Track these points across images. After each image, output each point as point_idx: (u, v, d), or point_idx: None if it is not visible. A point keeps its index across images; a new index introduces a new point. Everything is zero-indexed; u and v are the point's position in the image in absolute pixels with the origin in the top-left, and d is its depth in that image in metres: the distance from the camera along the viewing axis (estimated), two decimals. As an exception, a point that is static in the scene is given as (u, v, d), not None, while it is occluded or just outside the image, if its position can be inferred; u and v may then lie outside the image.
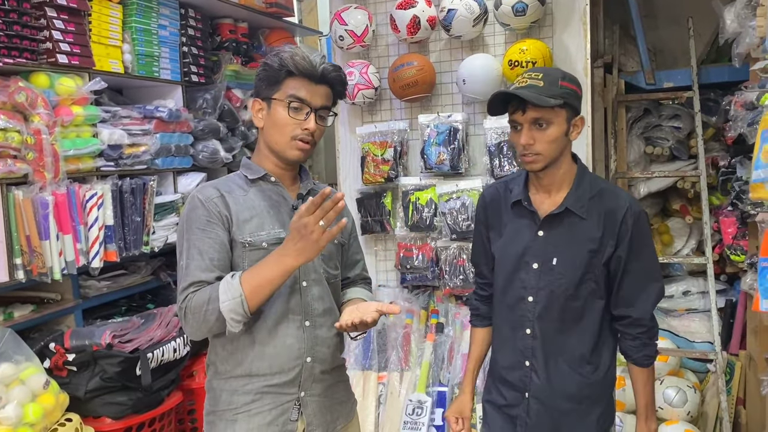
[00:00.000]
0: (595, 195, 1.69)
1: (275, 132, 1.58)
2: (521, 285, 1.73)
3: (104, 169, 2.64)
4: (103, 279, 2.85)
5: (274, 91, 1.57)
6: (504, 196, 1.80)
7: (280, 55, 1.56)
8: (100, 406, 2.45)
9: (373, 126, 3.16)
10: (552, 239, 1.69)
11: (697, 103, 3.22)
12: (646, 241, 1.70)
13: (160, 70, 2.99)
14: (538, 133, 1.61)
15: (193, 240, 1.53)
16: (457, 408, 1.93)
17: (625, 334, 1.73)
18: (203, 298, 1.47)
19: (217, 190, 1.58)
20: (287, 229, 1.54)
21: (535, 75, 1.62)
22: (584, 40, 2.94)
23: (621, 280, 1.68)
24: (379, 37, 3.22)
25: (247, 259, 1.56)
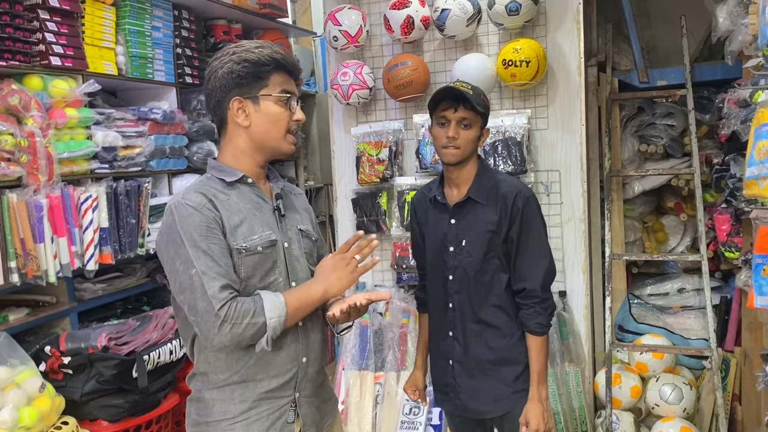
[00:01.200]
0: (493, 185, 1.97)
1: (270, 128, 1.56)
2: (444, 266, 2.02)
3: (98, 171, 2.63)
4: (99, 281, 2.85)
5: (259, 88, 1.54)
6: (426, 196, 2.10)
7: (260, 51, 1.53)
8: (96, 408, 2.44)
9: (368, 126, 3.16)
10: (461, 225, 2.00)
11: (690, 101, 3.23)
12: (535, 221, 1.97)
13: (154, 72, 2.99)
14: (462, 131, 1.92)
15: (200, 247, 1.45)
16: (412, 382, 2.25)
17: (522, 304, 1.98)
18: (247, 310, 1.45)
19: (204, 196, 1.51)
20: (275, 230, 1.59)
21: (465, 85, 1.94)
22: (578, 39, 2.96)
23: (515, 257, 1.97)
24: (373, 37, 3.23)
25: (243, 266, 1.51)
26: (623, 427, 2.95)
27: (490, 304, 1.99)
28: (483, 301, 1.99)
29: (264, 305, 1.47)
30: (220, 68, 1.54)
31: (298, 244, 1.65)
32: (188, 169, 3.18)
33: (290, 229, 1.65)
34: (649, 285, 3.58)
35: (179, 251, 1.46)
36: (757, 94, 2.06)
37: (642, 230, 3.71)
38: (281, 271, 1.59)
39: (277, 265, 1.58)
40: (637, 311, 3.37)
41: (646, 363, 3.05)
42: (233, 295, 1.46)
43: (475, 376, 2.02)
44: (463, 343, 2.02)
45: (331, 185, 3.66)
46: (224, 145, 1.62)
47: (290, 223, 1.65)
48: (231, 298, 1.44)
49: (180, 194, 1.54)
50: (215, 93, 1.56)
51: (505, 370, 2.01)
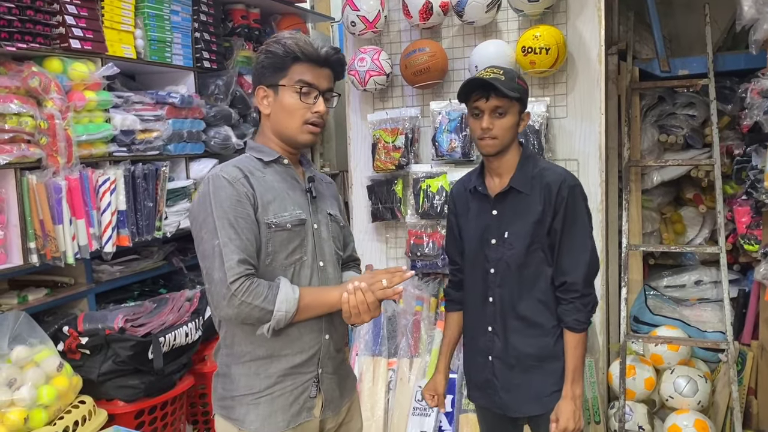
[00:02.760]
0: (537, 173, 1.89)
1: (286, 118, 1.61)
2: (484, 259, 1.95)
3: (116, 154, 2.65)
4: (116, 264, 2.88)
5: (280, 78, 1.60)
6: (466, 186, 2.03)
7: (283, 41, 1.58)
8: (112, 389, 2.48)
9: (384, 113, 3.15)
10: (503, 216, 1.92)
11: (712, 90, 3.18)
12: (579, 212, 1.89)
13: (172, 56, 2.99)
14: (497, 120, 1.84)
15: (227, 219, 1.52)
16: (431, 386, 2.14)
17: (562, 299, 1.90)
18: (259, 293, 1.50)
19: (241, 171, 1.58)
20: (306, 211, 1.65)
21: (496, 70, 1.85)
22: (599, 26, 2.91)
23: (559, 248, 1.88)
24: (391, 23, 3.21)
25: (272, 241, 1.58)
26: (636, 419, 2.94)
27: (532, 299, 1.92)
28: (525, 295, 1.92)
29: (278, 296, 1.51)
30: (256, 58, 1.66)
31: (326, 227, 1.72)
32: (205, 153, 3.19)
33: (320, 212, 1.71)
34: (666, 277, 3.55)
35: (207, 220, 1.54)
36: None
37: (660, 221, 3.67)
38: (308, 250, 1.65)
39: (304, 244, 1.64)
40: (653, 303, 3.34)
41: (661, 355, 3.03)
42: (249, 271, 1.51)
43: (516, 372, 1.95)
44: (503, 339, 1.95)
45: (346, 172, 3.65)
46: (259, 130, 1.73)
47: (320, 207, 1.71)
48: (246, 274, 1.49)
49: (218, 167, 1.62)
50: (253, 80, 1.68)
51: (548, 367, 1.93)
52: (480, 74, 1.86)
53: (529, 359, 1.93)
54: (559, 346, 1.92)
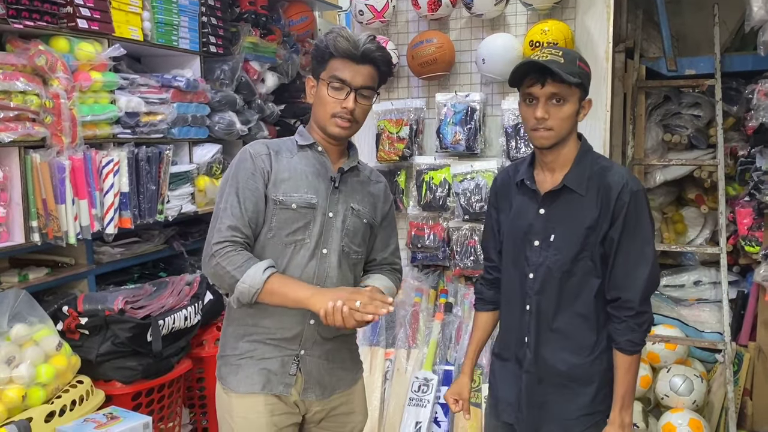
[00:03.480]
0: (596, 172, 1.69)
1: (319, 108, 1.69)
2: (525, 262, 1.75)
3: (121, 136, 2.65)
4: (117, 246, 2.88)
5: (321, 71, 1.68)
6: (513, 177, 1.83)
7: (327, 35, 1.66)
8: (110, 370, 2.48)
9: (389, 103, 3.14)
10: (552, 216, 1.71)
11: (718, 91, 3.18)
12: (642, 220, 1.67)
13: (179, 40, 2.98)
14: (554, 109, 1.62)
15: (237, 187, 1.64)
16: (456, 389, 1.97)
17: (614, 317, 1.68)
18: (234, 262, 1.57)
19: (267, 147, 1.71)
20: (321, 197, 1.69)
21: (555, 51, 1.62)
22: (607, 23, 2.90)
23: (614, 260, 1.66)
24: (399, 13, 3.20)
25: (275, 217, 1.66)
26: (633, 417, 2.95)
27: (572, 312, 1.71)
28: (565, 307, 1.71)
29: (248, 270, 1.56)
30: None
31: (343, 218, 1.73)
32: (209, 138, 3.19)
33: (341, 203, 1.73)
34: (666, 276, 3.56)
35: (224, 185, 1.68)
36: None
37: (661, 221, 3.67)
38: (313, 234, 1.69)
39: (309, 228, 1.68)
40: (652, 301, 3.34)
41: (658, 353, 3.04)
42: (236, 238, 1.60)
43: (542, 388, 1.77)
44: (534, 351, 1.76)
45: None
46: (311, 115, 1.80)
47: (343, 199, 1.73)
48: (231, 240, 1.59)
49: (253, 142, 1.76)
50: None
51: (577, 389, 1.74)
52: (536, 54, 1.64)
53: (560, 377, 1.74)
54: (596, 368, 1.73)
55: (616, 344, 1.68)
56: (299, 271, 1.68)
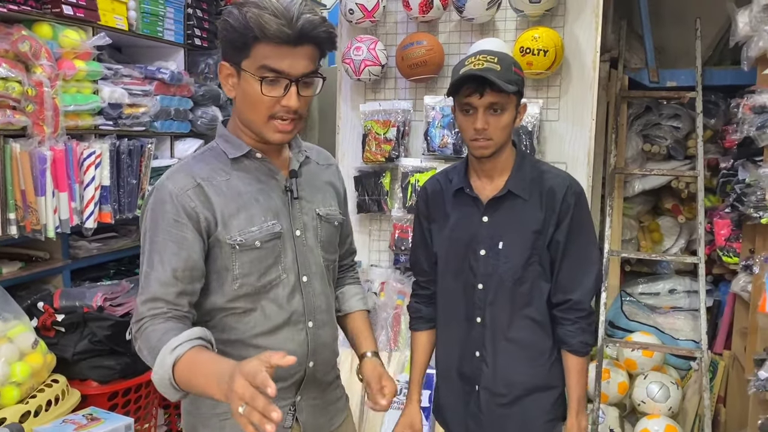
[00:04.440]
0: (536, 176, 1.66)
1: (248, 109, 1.30)
2: (471, 273, 1.68)
3: (103, 127, 2.58)
4: (94, 240, 2.80)
5: (242, 57, 1.26)
6: (445, 186, 1.75)
7: (244, 11, 1.21)
8: (87, 368, 2.40)
9: (377, 104, 3.12)
10: (496, 223, 1.66)
11: (699, 104, 3.24)
12: (586, 222, 1.68)
13: (164, 31, 2.92)
14: (493, 118, 1.56)
15: (157, 243, 1.27)
16: (406, 421, 1.83)
17: (564, 319, 1.66)
18: (147, 343, 1.22)
19: (193, 179, 1.30)
20: (283, 217, 1.37)
21: (490, 58, 1.55)
22: (595, 32, 2.93)
23: (561, 262, 1.65)
24: (388, 13, 3.17)
25: (238, 262, 1.33)
26: (608, 422, 2.99)
27: (527, 319, 1.67)
28: (519, 314, 1.67)
29: (158, 354, 1.17)
30: (219, 24, 1.29)
31: (314, 232, 1.44)
32: (191, 133, 3.13)
33: (306, 213, 1.43)
34: (641, 284, 3.62)
35: (144, 238, 1.31)
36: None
37: (638, 229, 3.73)
38: (287, 266, 1.39)
39: (281, 260, 1.38)
40: (629, 309, 3.40)
41: (635, 360, 3.08)
42: (155, 311, 1.25)
43: (505, 403, 1.70)
44: (492, 366, 1.69)
45: (332, 161, 3.61)
46: (232, 112, 1.41)
47: (307, 207, 1.44)
48: (149, 315, 1.24)
49: (170, 171, 1.34)
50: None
51: (540, 397, 1.70)
52: (470, 62, 1.55)
53: (522, 388, 1.69)
54: (554, 373, 1.71)
55: (568, 347, 1.67)
56: (286, 315, 1.39)
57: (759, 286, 2.43)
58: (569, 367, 1.68)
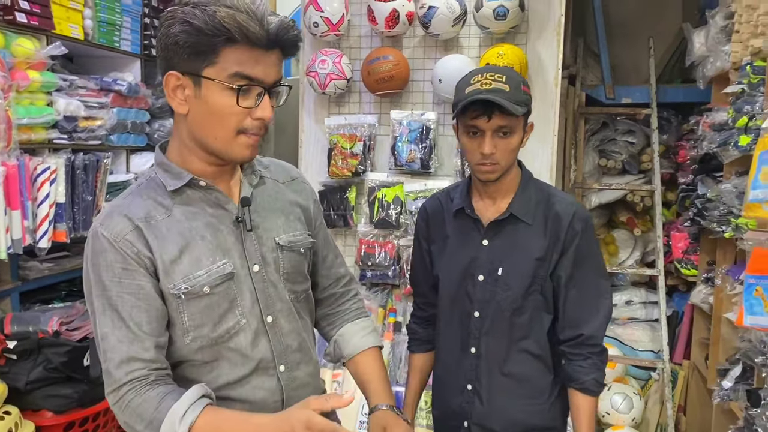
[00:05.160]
0: (541, 200, 1.56)
1: (213, 124, 1.13)
2: (467, 299, 1.58)
3: (57, 141, 2.45)
4: (45, 261, 2.64)
5: (204, 65, 1.10)
6: (446, 206, 1.66)
7: (211, 11, 1.06)
8: (41, 398, 2.26)
9: (342, 118, 3.08)
10: (497, 248, 1.56)
11: (654, 120, 3.34)
12: (594, 250, 1.57)
13: (120, 41, 2.80)
14: (501, 142, 1.46)
15: (110, 298, 1.13)
16: None
17: (575, 355, 1.52)
18: (142, 414, 1.10)
19: (130, 221, 1.15)
20: (234, 254, 1.21)
21: (498, 77, 1.45)
22: (557, 50, 2.98)
23: (566, 295, 1.54)
24: (353, 27, 3.15)
25: (186, 314, 1.17)
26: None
27: (525, 352, 1.56)
28: (517, 347, 1.56)
29: (162, 424, 1.08)
30: (164, 28, 1.11)
31: (275, 265, 1.27)
32: (148, 146, 3.01)
33: (264, 244, 1.26)
34: (599, 296, 3.68)
35: (90, 296, 1.16)
36: (741, 119, 2.14)
37: (595, 242, 3.80)
38: (245, 309, 1.23)
39: (237, 304, 1.22)
40: (590, 321, 3.45)
41: (598, 372, 3.13)
42: (135, 374, 1.11)
43: None
44: (486, 401, 1.57)
45: (292, 175, 3.54)
46: (172, 134, 1.23)
47: (265, 236, 1.26)
48: (129, 380, 1.11)
49: (102, 214, 1.18)
50: (160, 62, 1.15)
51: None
52: (476, 80, 1.45)
53: (518, 427, 1.57)
54: (555, 412, 1.59)
55: (578, 384, 1.52)
56: (252, 364, 1.23)
57: (721, 299, 2.50)
58: (579, 407, 1.52)
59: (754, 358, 2.04)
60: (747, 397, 2.09)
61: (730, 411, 2.38)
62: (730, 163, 2.38)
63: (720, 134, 2.41)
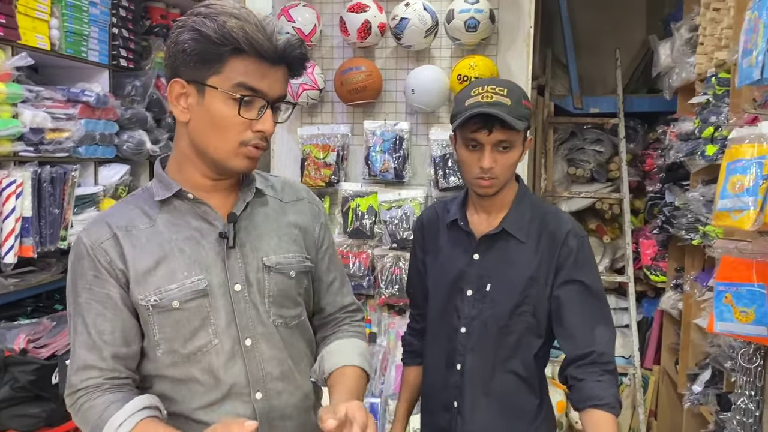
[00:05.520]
0: (536, 216, 1.53)
1: (214, 134, 1.13)
2: (455, 314, 1.54)
3: (23, 154, 2.38)
4: (10, 276, 2.56)
5: (209, 73, 1.11)
6: (441, 217, 1.64)
7: (221, 20, 1.08)
8: (7, 418, 2.19)
9: (315, 128, 3.08)
10: (487, 263, 1.52)
11: (622, 129, 3.41)
12: (593, 269, 1.53)
13: (88, 51, 2.75)
14: (500, 156, 1.44)
15: (79, 304, 1.15)
16: None
17: (590, 373, 1.42)
18: (89, 421, 1.12)
19: (109, 229, 1.16)
20: (213, 270, 1.18)
21: (500, 90, 1.42)
22: (527, 61, 3.02)
23: (569, 314, 1.46)
24: (325, 38, 3.15)
25: (156, 326, 1.16)
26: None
27: (511, 372, 1.51)
28: (502, 367, 1.51)
29: (104, 429, 1.09)
30: (174, 35, 1.14)
31: (258, 286, 1.22)
32: (116, 158, 2.95)
33: (249, 263, 1.22)
34: (570, 302, 3.72)
35: (68, 300, 1.19)
36: (707, 129, 2.19)
37: (565, 250, 3.85)
38: (219, 329, 1.18)
39: (211, 323, 1.18)
40: (561, 328, 3.49)
41: (571, 378, 3.16)
42: (90, 381, 1.13)
43: None
44: (470, 420, 1.52)
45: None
46: (173, 145, 1.24)
47: (250, 256, 1.22)
48: (83, 387, 1.13)
49: (90, 221, 1.25)
50: (166, 69, 1.18)
51: None
52: (477, 92, 1.43)
53: None
54: None
55: (598, 401, 1.39)
56: (225, 388, 1.19)
57: (690, 305, 2.56)
58: (599, 425, 1.39)
59: (723, 363, 2.09)
60: (717, 401, 2.14)
61: (701, 415, 2.43)
62: (697, 172, 2.44)
63: (687, 144, 2.47)
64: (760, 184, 1.48)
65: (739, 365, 1.78)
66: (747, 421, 1.75)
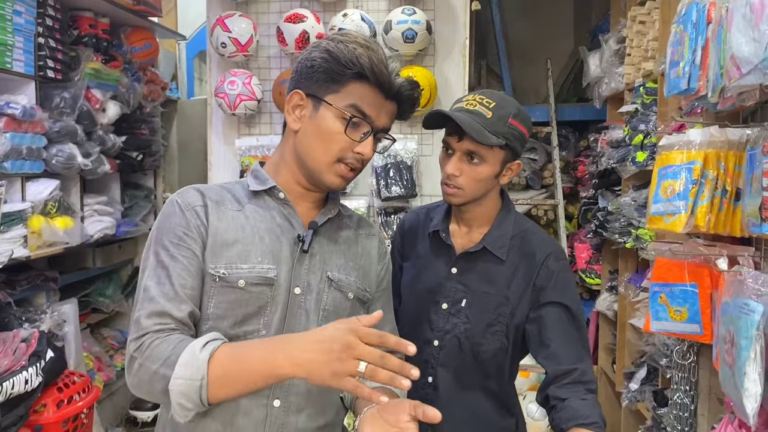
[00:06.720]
0: (518, 236, 1.49)
1: (318, 145, 1.21)
2: (428, 326, 1.50)
3: (-57, 170, 2.26)
4: (-69, 299, 2.42)
5: (329, 91, 1.20)
6: (424, 223, 1.59)
7: (352, 45, 1.18)
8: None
9: (254, 139, 3.04)
10: (465, 279, 1.49)
11: (554, 138, 3.52)
12: (573, 291, 1.49)
13: (12, 61, 2.63)
14: (468, 167, 1.40)
15: (163, 256, 1.16)
16: None
17: (574, 393, 1.35)
18: (160, 354, 1.07)
19: (202, 196, 1.22)
20: (283, 267, 1.20)
21: (486, 102, 1.39)
22: (463, 71, 3.08)
23: (550, 333, 1.41)
24: (261, 48, 3.12)
25: (214, 299, 1.17)
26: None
27: (486, 390, 1.48)
28: (476, 384, 1.48)
29: (181, 356, 1.05)
30: (307, 52, 1.24)
31: (317, 295, 1.23)
32: (45, 173, 2.83)
33: (314, 272, 1.24)
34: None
35: (148, 252, 1.20)
36: (637, 137, 2.29)
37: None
38: (272, 322, 1.19)
39: (266, 313, 1.19)
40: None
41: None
42: (161, 326, 1.11)
43: None
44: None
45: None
46: (278, 147, 1.32)
47: (318, 265, 1.25)
48: (154, 330, 1.10)
49: (185, 188, 1.27)
50: (290, 82, 1.27)
51: None
52: (466, 99, 1.42)
53: None
54: None
55: (585, 419, 1.31)
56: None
57: (625, 306, 2.66)
58: None
59: (658, 361, 2.17)
60: (653, 397, 2.23)
61: (638, 412, 2.52)
62: (628, 178, 2.54)
63: (618, 151, 2.56)
64: (690, 189, 1.55)
65: (674, 362, 1.86)
66: (683, 415, 1.82)
